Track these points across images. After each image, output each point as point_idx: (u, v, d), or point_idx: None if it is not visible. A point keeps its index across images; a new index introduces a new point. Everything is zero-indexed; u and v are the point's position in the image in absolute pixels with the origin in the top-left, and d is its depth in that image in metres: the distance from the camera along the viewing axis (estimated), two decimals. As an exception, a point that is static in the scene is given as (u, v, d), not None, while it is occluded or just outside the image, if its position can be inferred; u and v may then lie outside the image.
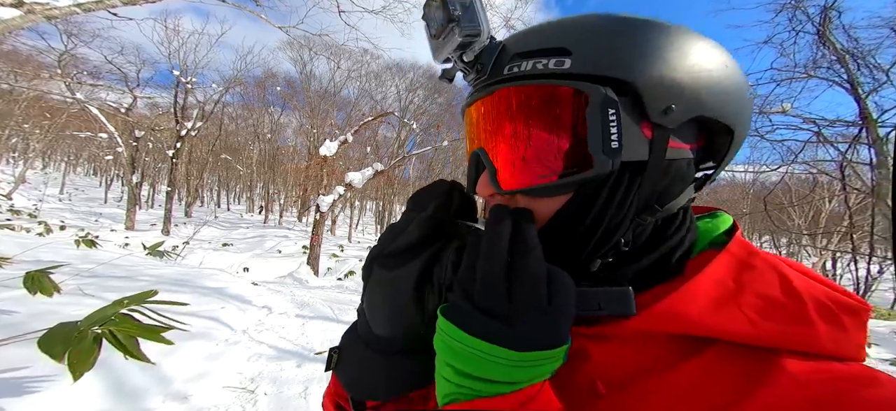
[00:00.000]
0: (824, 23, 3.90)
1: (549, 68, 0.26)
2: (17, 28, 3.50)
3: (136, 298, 0.93)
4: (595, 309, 0.25)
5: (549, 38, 0.27)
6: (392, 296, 0.28)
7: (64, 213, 13.34)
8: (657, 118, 0.26)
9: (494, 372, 0.22)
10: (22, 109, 14.10)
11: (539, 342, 0.22)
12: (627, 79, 0.25)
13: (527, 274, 0.23)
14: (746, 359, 0.23)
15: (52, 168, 30.77)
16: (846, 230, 6.13)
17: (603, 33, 0.27)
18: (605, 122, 0.25)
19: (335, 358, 0.32)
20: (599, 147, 0.25)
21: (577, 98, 0.26)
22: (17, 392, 1.25)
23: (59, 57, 10.45)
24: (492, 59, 0.28)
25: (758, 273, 0.26)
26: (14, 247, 3.13)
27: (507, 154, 0.29)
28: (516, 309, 0.23)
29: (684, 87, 0.26)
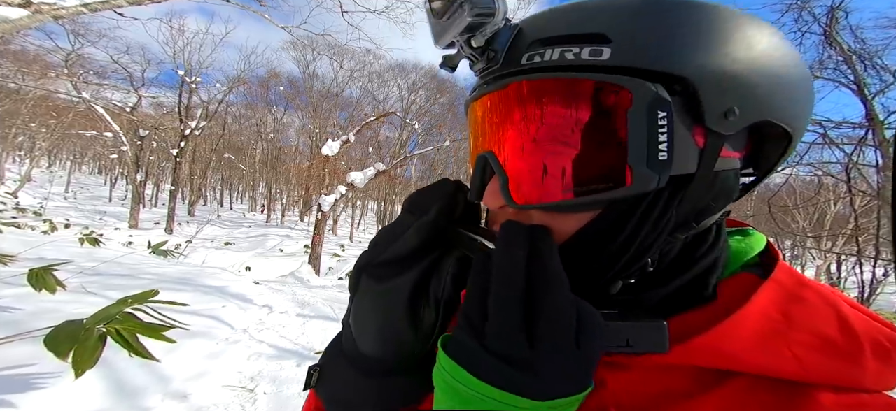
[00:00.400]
0: (831, 23, 3.86)
1: (583, 59, 0.21)
2: (25, 28, 3.54)
3: (139, 297, 0.94)
4: (623, 346, 0.22)
5: (581, 21, 0.22)
6: (383, 311, 0.24)
7: (69, 211, 13.47)
8: (715, 123, 0.21)
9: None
10: (29, 108, 14.27)
11: (564, 391, 0.19)
12: (682, 73, 0.20)
13: (554, 314, 0.19)
14: (777, 391, 0.21)
15: (57, 166, 31.12)
16: (851, 233, 6.06)
17: (650, 16, 0.21)
18: (652, 128, 0.20)
19: (315, 376, 0.29)
20: (643, 158, 0.20)
21: (617, 96, 0.21)
22: (22, 388, 1.26)
23: (66, 56, 10.58)
24: (506, 45, 0.23)
25: (810, 307, 0.23)
26: (18, 244, 3.16)
27: (524, 161, 0.23)
28: (539, 355, 0.19)
29: (749, 85, 0.21)
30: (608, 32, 0.21)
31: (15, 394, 1.23)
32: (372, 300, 0.25)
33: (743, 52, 0.21)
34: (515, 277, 0.20)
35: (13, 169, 20.78)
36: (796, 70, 0.23)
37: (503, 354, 0.19)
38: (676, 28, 0.21)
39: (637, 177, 0.21)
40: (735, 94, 0.21)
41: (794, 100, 0.23)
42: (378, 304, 0.25)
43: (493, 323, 0.20)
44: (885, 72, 3.60)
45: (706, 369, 0.22)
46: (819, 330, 0.21)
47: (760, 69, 0.22)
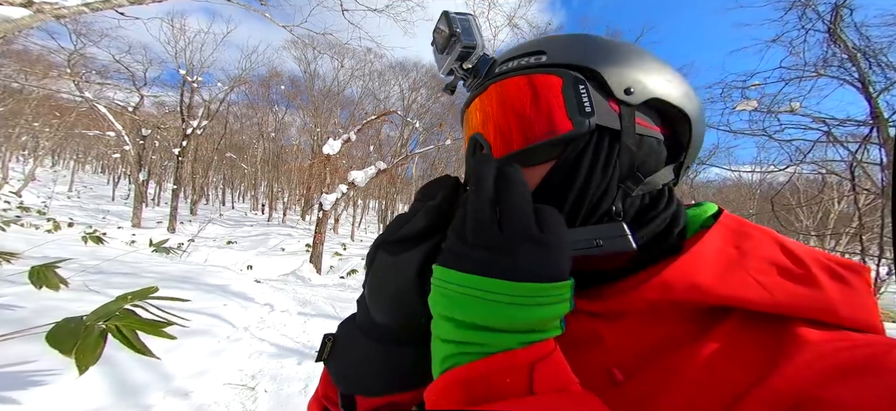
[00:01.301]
0: (835, 20, 3.82)
1: (530, 63, 0.32)
2: (27, 27, 3.55)
3: (139, 294, 0.94)
4: (593, 246, 0.26)
5: (528, 46, 0.34)
6: (394, 281, 0.27)
7: (72, 211, 13.56)
8: (621, 95, 0.31)
9: (496, 315, 0.20)
10: (32, 108, 14.35)
11: (538, 272, 0.21)
12: (592, 67, 0.31)
13: (512, 203, 0.23)
14: (763, 331, 0.23)
15: (61, 166, 31.29)
16: (855, 231, 6.02)
17: (570, 40, 0.33)
18: (577, 94, 0.30)
19: (329, 346, 0.30)
20: (575, 111, 0.29)
21: (552, 81, 0.31)
22: (24, 385, 1.27)
23: (69, 56, 10.62)
24: (486, 67, 0.34)
25: (755, 241, 0.28)
26: (22, 243, 3.18)
27: (498, 130, 0.33)
28: (509, 238, 0.22)
29: (637, 75, 0.31)
30: (544, 48, 0.33)
31: (17, 391, 1.24)
32: (385, 270, 0.27)
33: (630, 57, 0.32)
34: (485, 185, 0.24)
35: (17, 168, 20.93)
36: (670, 69, 0.34)
37: (480, 242, 0.22)
38: (587, 45, 0.33)
39: (575, 123, 0.30)
40: (629, 78, 0.31)
41: (674, 86, 0.33)
42: (390, 274, 0.27)
43: (469, 221, 0.23)
44: (889, 69, 3.56)
45: (698, 314, 0.25)
46: (768, 257, 0.26)
47: (644, 68, 0.32)
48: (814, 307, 0.23)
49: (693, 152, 0.35)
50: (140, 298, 0.95)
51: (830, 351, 0.21)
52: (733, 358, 0.23)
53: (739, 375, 0.22)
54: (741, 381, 0.21)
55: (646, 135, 0.32)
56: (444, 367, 0.22)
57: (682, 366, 0.23)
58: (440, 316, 0.23)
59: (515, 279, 0.21)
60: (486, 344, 0.21)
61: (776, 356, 0.22)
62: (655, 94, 0.32)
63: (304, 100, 19.72)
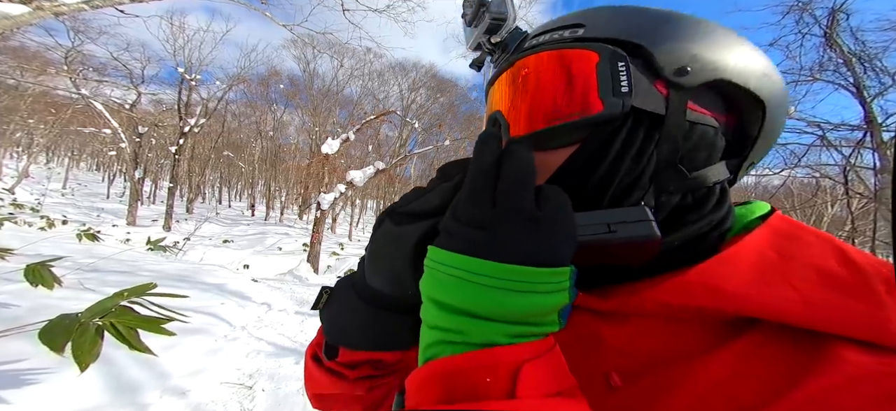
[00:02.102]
0: (832, 25, 3.87)
1: (563, 36, 0.29)
2: (27, 24, 3.52)
3: (136, 290, 0.93)
4: (606, 232, 0.22)
5: (567, 18, 0.30)
6: (391, 251, 0.26)
7: (66, 208, 13.41)
8: (672, 76, 0.26)
9: (482, 299, 0.18)
10: (27, 105, 14.20)
11: (530, 254, 0.18)
12: (638, 42, 0.26)
13: (509, 175, 0.21)
14: (795, 347, 0.19)
15: (55, 162, 30.98)
16: (848, 235, 6.08)
17: (617, 10, 0.29)
18: (614, 72, 0.26)
19: (325, 297, 0.31)
20: (609, 91, 0.26)
21: (587, 55, 0.27)
22: (17, 384, 1.25)
23: (66, 53, 10.52)
24: (516, 41, 0.31)
25: (805, 244, 0.23)
26: (16, 240, 3.15)
27: (519, 108, 0.30)
28: (500, 214, 0.20)
29: (699, 51, 0.26)
30: (582, 20, 0.29)
31: (10, 390, 1.22)
32: (385, 239, 0.27)
33: (691, 30, 0.27)
34: (486, 159, 0.22)
35: (10, 165, 20.70)
36: (747, 45, 0.28)
37: (471, 220, 0.20)
38: (635, 15, 0.28)
39: (607, 104, 0.26)
40: (686, 55, 0.26)
41: (749, 64, 0.27)
42: (389, 243, 0.26)
43: (464, 195, 0.21)
44: (884, 74, 3.61)
45: (720, 325, 0.22)
46: (818, 265, 0.21)
47: (709, 41, 0.27)
48: (863, 324, 0.19)
49: (764, 146, 0.29)
50: (137, 295, 0.95)
51: (873, 374, 0.17)
52: (749, 373, 0.19)
53: (752, 392, 0.18)
54: (752, 399, 0.18)
55: (699, 124, 0.27)
56: (427, 356, 0.20)
57: (687, 378, 0.20)
58: (427, 299, 0.21)
59: (503, 260, 0.18)
60: (469, 334, 0.19)
61: (802, 372, 0.18)
62: (720, 74, 0.26)
63: (303, 99, 19.68)
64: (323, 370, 0.31)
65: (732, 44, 0.27)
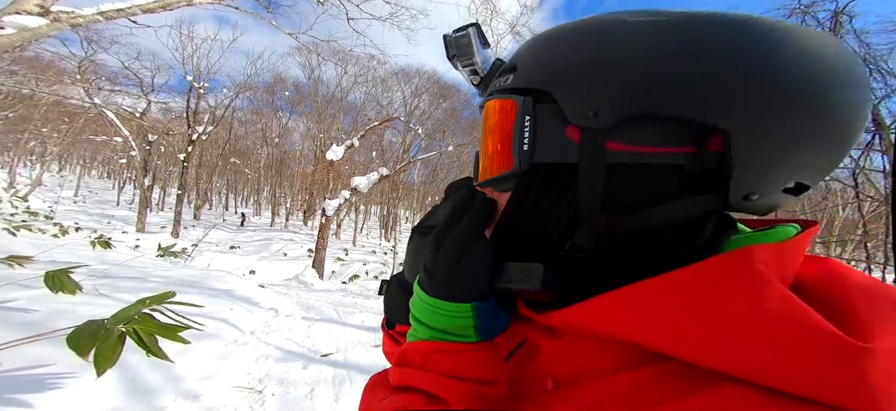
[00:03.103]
0: (835, 28, 3.86)
1: (502, 84, 0.31)
2: (44, 36, 3.65)
3: (157, 298, 0.97)
4: (505, 282, 0.29)
5: (513, 56, 0.32)
6: (416, 255, 0.37)
7: (78, 215, 13.68)
8: (581, 121, 0.25)
9: (423, 313, 0.30)
10: (41, 114, 14.59)
11: (445, 293, 0.29)
12: (545, 88, 0.27)
13: (450, 239, 0.30)
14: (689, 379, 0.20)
15: (68, 170, 31.65)
16: (860, 239, 5.98)
17: (536, 48, 0.29)
18: (520, 127, 0.28)
19: (384, 287, 0.44)
20: (518, 148, 0.28)
21: (511, 106, 0.29)
22: (41, 388, 1.29)
23: (79, 63, 10.83)
24: (491, 77, 0.34)
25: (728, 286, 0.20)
26: (31, 248, 3.23)
27: (482, 154, 0.34)
28: (436, 264, 0.30)
29: (610, 83, 0.23)
30: (518, 64, 0.30)
31: (33, 394, 1.26)
32: (414, 248, 0.37)
33: (606, 55, 0.24)
34: (448, 213, 0.32)
35: (24, 173, 21.19)
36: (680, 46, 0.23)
37: (426, 265, 0.31)
38: (549, 54, 0.28)
39: (515, 161, 0.28)
40: (595, 94, 0.24)
41: (684, 81, 0.22)
42: (418, 251, 0.37)
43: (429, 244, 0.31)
44: (890, 76, 3.59)
45: (636, 350, 0.23)
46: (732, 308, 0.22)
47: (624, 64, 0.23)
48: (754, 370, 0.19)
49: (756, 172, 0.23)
50: (158, 303, 0.98)
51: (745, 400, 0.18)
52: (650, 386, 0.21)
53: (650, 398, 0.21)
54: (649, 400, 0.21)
55: (626, 164, 0.24)
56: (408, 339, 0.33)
57: (606, 395, 0.23)
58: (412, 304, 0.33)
59: (431, 294, 0.30)
60: (416, 332, 0.31)
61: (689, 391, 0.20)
62: (644, 107, 0.23)
63: (307, 106, 19.96)
64: (388, 335, 0.44)
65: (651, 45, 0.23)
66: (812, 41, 0.22)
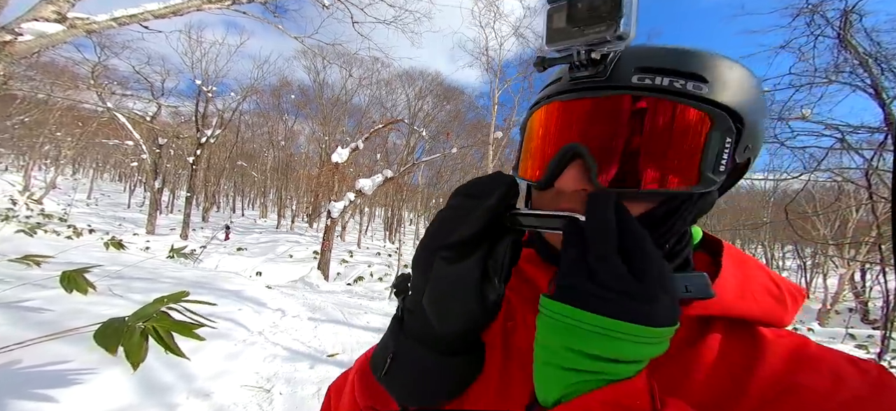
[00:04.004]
0: (845, 27, 3.79)
1: (688, 89, 0.28)
2: (61, 42, 3.76)
3: (173, 297, 1.00)
4: (683, 292, 0.29)
5: (681, 61, 0.29)
6: (457, 291, 0.27)
7: (91, 217, 13.98)
8: (739, 156, 0.30)
9: (627, 351, 0.22)
10: (56, 118, 14.97)
11: (670, 319, 0.23)
12: (744, 116, 0.29)
13: (651, 259, 0.24)
14: (740, 332, 0.30)
15: (81, 174, 32.38)
16: (874, 240, 5.83)
17: (731, 69, 0.29)
18: (721, 147, 0.28)
19: (388, 363, 0.30)
20: (711, 167, 0.28)
21: (705, 120, 0.28)
22: (63, 383, 1.33)
23: (93, 68, 11.10)
24: (613, 63, 0.29)
25: (751, 269, 0.34)
26: (47, 249, 3.32)
27: (619, 154, 0.28)
28: (649, 289, 0.23)
29: (757, 135, 0.31)
30: (706, 75, 0.28)
31: (55, 389, 1.30)
32: (448, 283, 0.27)
33: (762, 106, 0.31)
34: (610, 232, 0.24)
35: (38, 176, 21.73)
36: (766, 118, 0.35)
37: (619, 289, 0.23)
38: (742, 80, 0.30)
39: (704, 180, 0.28)
40: (753, 137, 0.30)
41: (762, 142, 0.33)
42: (454, 286, 0.27)
43: (600, 266, 0.23)
44: (903, 75, 3.51)
45: (695, 319, 0.31)
46: (763, 284, 0.33)
47: (763, 120, 0.32)
48: (775, 317, 0.31)
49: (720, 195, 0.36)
50: (174, 302, 1.01)
51: (782, 344, 0.29)
52: (729, 351, 0.29)
53: (737, 364, 0.28)
54: (739, 369, 0.28)
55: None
56: (570, 392, 0.23)
57: (696, 360, 0.29)
58: (564, 348, 0.23)
59: (657, 324, 0.22)
60: (608, 374, 0.23)
61: (756, 350, 0.29)
62: (752, 156, 0.32)
63: (312, 109, 20.17)
64: None
65: (765, 118, 0.32)
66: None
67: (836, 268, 11.06)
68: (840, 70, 4.08)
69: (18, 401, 1.21)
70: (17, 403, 1.20)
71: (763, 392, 0.27)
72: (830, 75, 4.08)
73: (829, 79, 4.09)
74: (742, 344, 0.30)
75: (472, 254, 0.27)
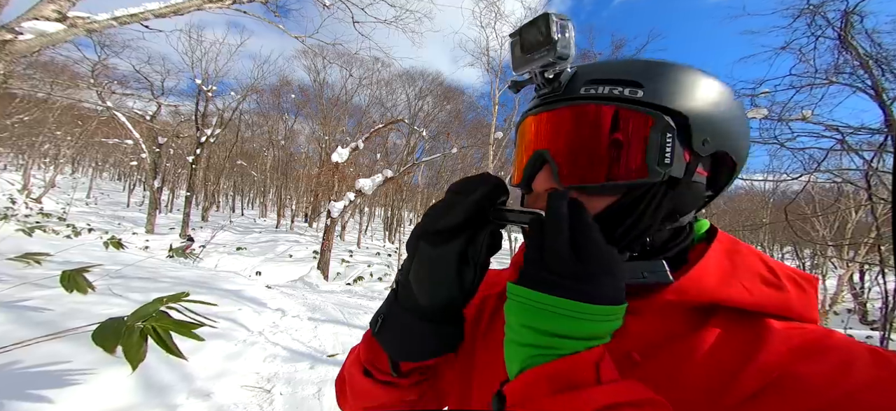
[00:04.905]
0: (845, 28, 3.80)
1: (625, 95, 0.32)
2: (61, 41, 3.75)
3: (174, 297, 0.99)
4: (640, 277, 0.31)
5: (622, 72, 0.33)
6: (436, 271, 0.32)
7: (90, 217, 13.96)
8: (697, 147, 0.32)
9: (577, 327, 0.25)
10: (55, 117, 14.95)
11: (612, 298, 0.26)
12: (684, 111, 0.32)
13: (595, 245, 0.27)
14: (743, 323, 0.30)
15: (80, 173, 32.34)
16: (874, 241, 5.84)
17: (667, 73, 0.33)
18: (663, 142, 0.31)
19: (380, 322, 0.36)
20: (656, 160, 0.31)
21: (643, 120, 0.32)
22: (62, 384, 1.33)
23: (93, 67, 11.09)
24: (567, 79, 0.34)
25: (744, 256, 0.34)
26: (46, 248, 3.31)
27: (574, 156, 0.33)
28: (592, 270, 0.26)
29: (718, 126, 0.33)
30: (640, 80, 0.33)
31: (55, 389, 1.30)
32: (428, 261, 0.32)
33: (719, 102, 0.33)
34: (562, 225, 0.28)
35: (38, 175, 21.69)
36: (744, 120, 0.36)
37: (564, 272, 0.26)
38: (683, 81, 0.33)
39: (652, 171, 0.31)
40: (709, 129, 0.33)
41: (742, 141, 0.35)
42: (435, 266, 0.32)
43: (550, 254, 0.27)
44: (904, 76, 3.51)
45: (694, 309, 0.31)
46: (754, 269, 0.33)
47: (727, 116, 0.34)
48: (779, 305, 0.31)
49: (723, 191, 0.38)
50: (174, 301, 1.00)
51: (792, 336, 0.28)
52: (726, 343, 0.29)
53: (733, 355, 0.28)
54: (735, 360, 0.28)
55: (697, 182, 0.34)
56: (522, 366, 0.27)
57: (690, 351, 0.29)
58: (521, 325, 0.27)
59: (597, 302, 0.26)
60: (561, 348, 0.26)
61: (757, 340, 0.29)
62: (726, 148, 0.33)
63: (313, 108, 20.14)
64: (378, 383, 0.38)
65: (738, 119, 0.34)
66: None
67: (835, 269, 11.06)
68: (840, 71, 4.09)
69: (18, 402, 1.20)
70: (17, 403, 1.20)
71: (754, 381, 0.26)
72: (831, 76, 4.09)
73: (829, 80, 4.09)
74: (743, 336, 0.29)
75: (452, 241, 0.31)
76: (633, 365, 0.30)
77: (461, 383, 0.40)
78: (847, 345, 0.27)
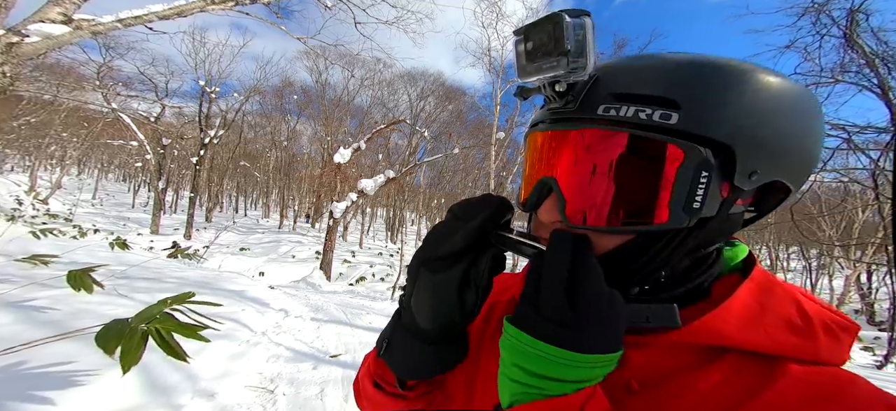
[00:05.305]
0: (851, 26, 3.76)
1: (654, 121, 0.26)
2: (67, 44, 3.79)
3: (179, 298, 1.00)
4: (643, 322, 0.29)
5: (654, 84, 0.26)
6: (438, 296, 0.31)
7: (95, 217, 14.10)
8: (740, 182, 0.27)
9: (558, 371, 0.25)
10: (62, 119, 15.11)
11: (604, 347, 0.25)
12: (729, 143, 0.25)
13: (594, 293, 0.25)
14: (758, 363, 0.27)
15: (86, 174, 32.67)
16: (881, 241, 5.77)
17: (713, 88, 0.26)
18: (694, 183, 0.26)
19: (385, 345, 0.36)
20: (681, 203, 0.26)
21: (673, 153, 0.26)
22: (67, 385, 1.34)
23: (98, 69, 11.20)
24: (583, 92, 0.28)
25: (777, 298, 0.29)
26: (53, 249, 3.35)
27: (584, 191, 0.29)
28: (579, 318, 0.25)
29: (774, 151, 0.26)
30: (679, 100, 0.26)
31: (60, 390, 1.31)
32: (428, 288, 0.31)
33: (780, 122, 0.26)
34: (561, 269, 0.26)
35: (44, 177, 21.93)
36: (808, 125, 0.28)
37: (551, 317, 0.25)
38: (733, 99, 0.25)
39: (674, 216, 0.27)
40: (761, 158, 0.26)
41: (805, 168, 0.29)
42: (436, 292, 0.31)
43: (544, 298, 0.26)
44: (911, 75, 3.47)
45: (705, 348, 0.28)
46: (783, 314, 0.28)
47: (784, 132, 0.26)
48: (804, 351, 0.27)
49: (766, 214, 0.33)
50: (179, 303, 1.01)
51: (808, 379, 0.25)
52: (734, 379, 0.27)
53: (737, 391, 0.26)
54: (739, 396, 0.26)
55: (734, 213, 0.29)
56: (514, 401, 0.26)
57: (690, 386, 0.27)
58: (510, 362, 0.27)
59: (578, 351, 0.24)
60: (548, 390, 0.25)
61: (767, 379, 0.26)
62: (778, 177, 0.27)
63: (315, 109, 20.20)
64: (387, 395, 0.39)
65: (801, 127, 0.27)
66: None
67: (842, 270, 10.94)
68: (846, 69, 4.04)
69: (24, 403, 1.22)
70: (23, 404, 1.21)
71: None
72: (836, 75, 4.05)
73: (835, 78, 4.05)
74: (751, 377, 0.27)
75: (453, 267, 0.31)
76: (630, 394, 0.29)
77: (466, 386, 0.40)
78: (866, 398, 0.24)
